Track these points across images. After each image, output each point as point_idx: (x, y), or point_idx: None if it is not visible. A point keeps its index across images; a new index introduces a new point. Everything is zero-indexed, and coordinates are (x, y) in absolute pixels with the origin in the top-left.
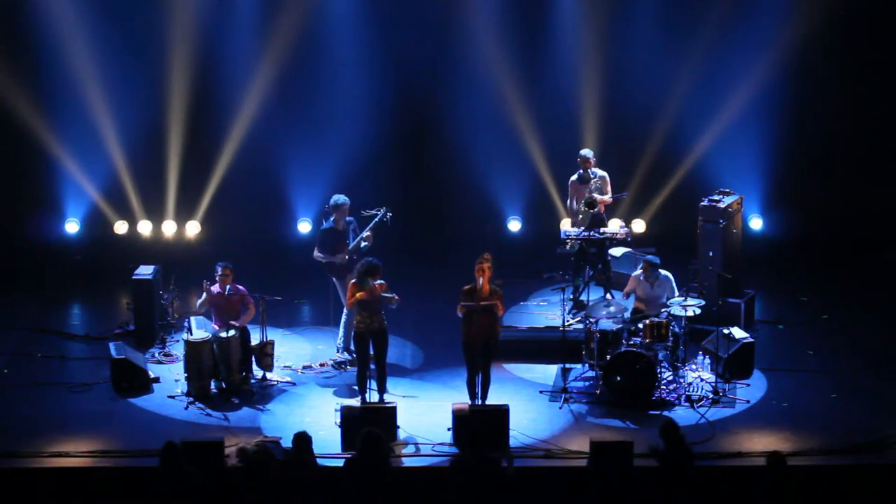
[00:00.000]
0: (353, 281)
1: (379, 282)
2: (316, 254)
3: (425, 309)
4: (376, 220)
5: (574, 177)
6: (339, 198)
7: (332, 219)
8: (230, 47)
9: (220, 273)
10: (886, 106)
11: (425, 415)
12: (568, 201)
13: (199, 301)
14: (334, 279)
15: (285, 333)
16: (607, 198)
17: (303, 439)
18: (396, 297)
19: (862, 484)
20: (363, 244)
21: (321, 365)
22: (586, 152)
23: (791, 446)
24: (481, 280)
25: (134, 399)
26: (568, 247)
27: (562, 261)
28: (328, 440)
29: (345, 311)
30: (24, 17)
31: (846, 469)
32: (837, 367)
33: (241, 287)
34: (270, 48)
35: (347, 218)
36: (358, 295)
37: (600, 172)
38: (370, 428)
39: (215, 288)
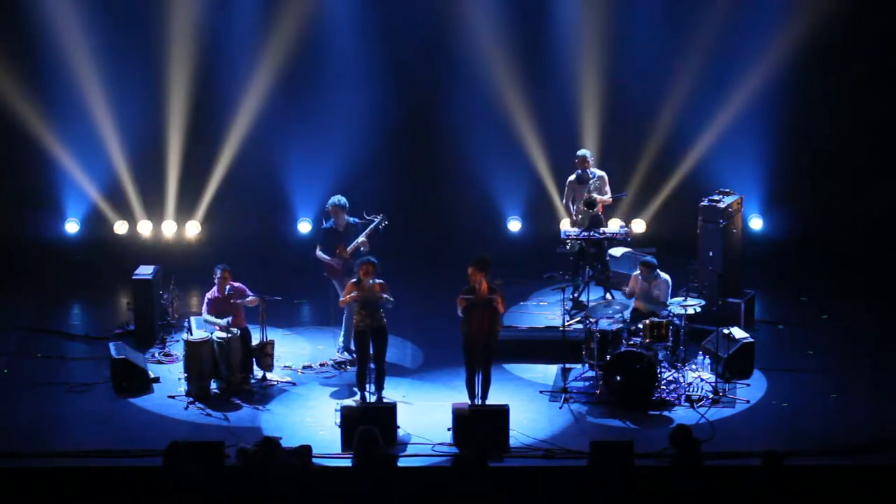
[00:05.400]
0: (352, 281)
1: (378, 281)
2: (318, 252)
3: (425, 309)
4: (372, 226)
5: (572, 177)
6: (337, 199)
7: (332, 220)
8: (230, 47)
9: (218, 275)
10: (887, 105)
11: (425, 415)
12: (565, 200)
13: (205, 312)
14: (333, 281)
15: (285, 333)
16: (606, 197)
17: (270, 443)
18: (391, 299)
19: (862, 484)
20: (361, 249)
21: (321, 365)
22: (584, 152)
23: (791, 446)
24: (480, 280)
25: (134, 399)
26: (567, 246)
27: (562, 261)
28: (328, 440)
29: (346, 310)
30: (24, 18)
31: (846, 469)
32: (837, 367)
33: (237, 284)
34: (270, 48)
35: (351, 219)
36: (351, 296)
37: (599, 172)
38: (366, 426)
39: (212, 293)
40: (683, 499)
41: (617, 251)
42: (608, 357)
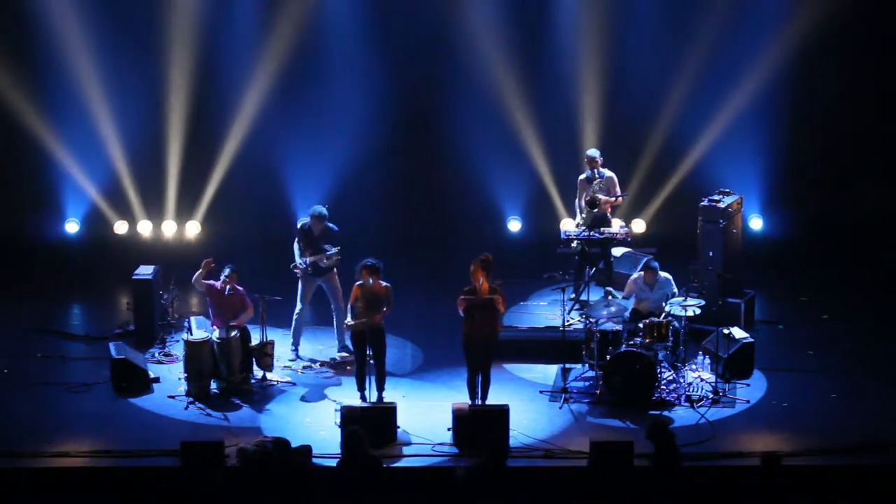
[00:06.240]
0: (357, 283)
1: (384, 284)
2: (295, 244)
3: (425, 309)
4: (327, 254)
5: (583, 175)
6: (318, 210)
7: (308, 223)
8: (230, 47)
9: (226, 274)
10: (886, 106)
11: (425, 415)
12: (577, 200)
13: (196, 274)
14: (299, 280)
15: (285, 333)
16: (612, 199)
17: (281, 445)
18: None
19: (862, 484)
20: (318, 263)
21: (321, 365)
22: (592, 152)
23: (791, 446)
24: (481, 280)
25: (134, 399)
26: (574, 244)
27: (562, 261)
28: (328, 440)
29: (337, 312)
30: (24, 17)
31: (846, 469)
32: (837, 367)
33: (239, 288)
34: (270, 48)
35: (332, 226)
36: (356, 292)
37: (607, 173)
38: (353, 427)
39: (217, 283)
40: (665, 496)
41: (617, 251)
42: (608, 357)
